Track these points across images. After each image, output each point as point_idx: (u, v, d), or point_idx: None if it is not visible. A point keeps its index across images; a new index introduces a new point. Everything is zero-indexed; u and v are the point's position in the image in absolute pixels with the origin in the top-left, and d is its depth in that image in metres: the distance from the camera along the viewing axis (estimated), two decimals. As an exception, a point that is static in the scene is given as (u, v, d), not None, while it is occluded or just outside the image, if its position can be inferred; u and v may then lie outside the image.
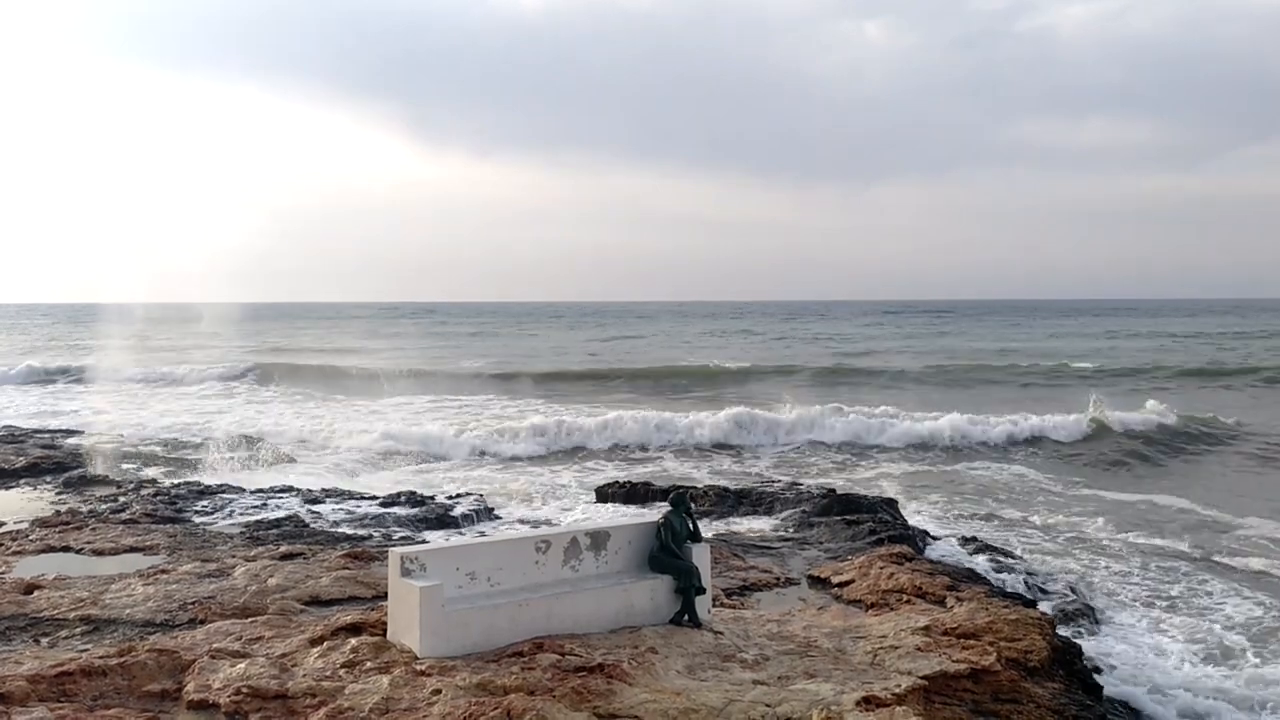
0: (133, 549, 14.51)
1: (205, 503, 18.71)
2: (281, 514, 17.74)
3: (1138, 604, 13.68)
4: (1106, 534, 18.14)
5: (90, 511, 17.61)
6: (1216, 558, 16.38)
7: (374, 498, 19.57)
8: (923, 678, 8.89)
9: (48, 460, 22.83)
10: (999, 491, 22.70)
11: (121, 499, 18.85)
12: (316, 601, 11.61)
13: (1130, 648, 11.81)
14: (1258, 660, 11.52)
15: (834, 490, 19.89)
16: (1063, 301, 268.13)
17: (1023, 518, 19.64)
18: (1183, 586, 14.59)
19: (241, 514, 17.83)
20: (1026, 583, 13.82)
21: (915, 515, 18.99)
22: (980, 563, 14.91)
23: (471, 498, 19.49)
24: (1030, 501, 21.47)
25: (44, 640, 10.23)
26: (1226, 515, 19.89)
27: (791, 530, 17.25)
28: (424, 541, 15.13)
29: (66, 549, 14.50)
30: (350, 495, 19.90)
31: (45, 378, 50.10)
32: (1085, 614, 12.90)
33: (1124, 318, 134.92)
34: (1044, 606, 12.60)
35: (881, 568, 13.10)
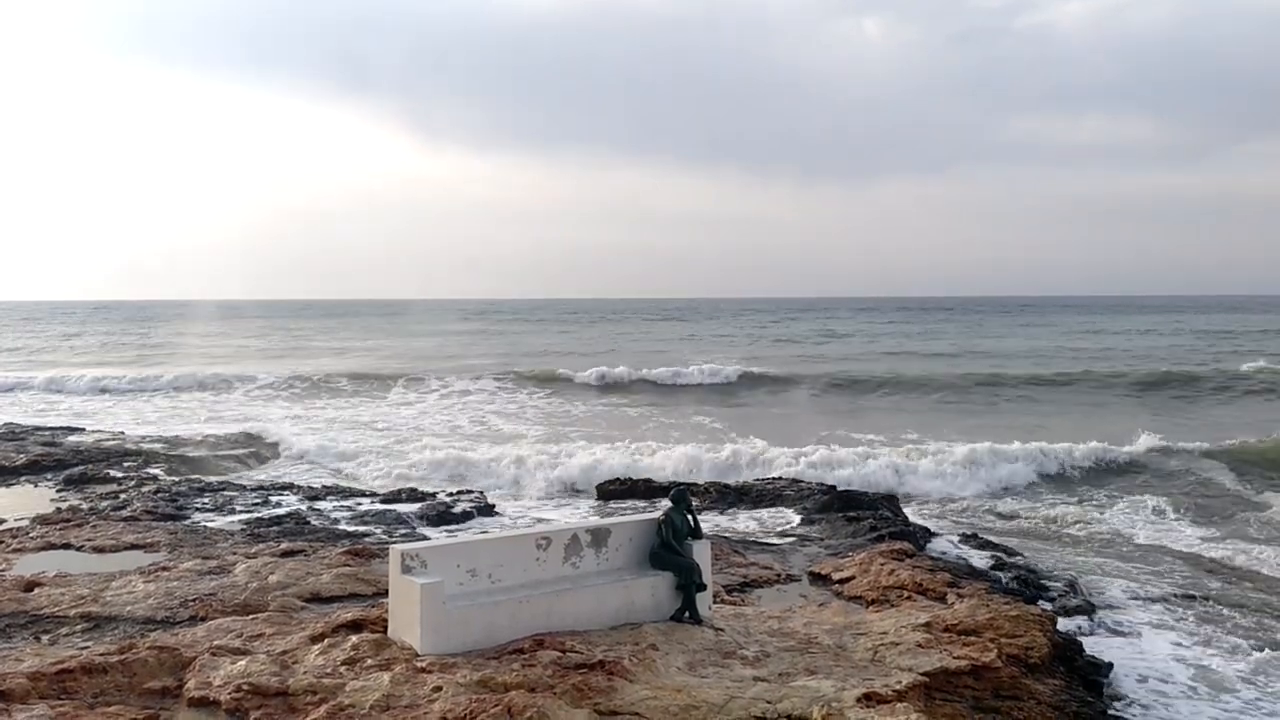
0: (133, 546, 14.51)
1: (206, 500, 18.73)
2: (282, 511, 17.76)
3: (1140, 600, 13.67)
4: (1110, 529, 18.13)
5: (91, 509, 17.63)
6: (1223, 554, 16.36)
7: (375, 495, 19.59)
8: (923, 674, 8.89)
9: (48, 457, 22.85)
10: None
11: (122, 496, 18.86)
12: (317, 598, 11.62)
13: (1132, 644, 11.81)
14: (1260, 657, 11.50)
15: (834, 487, 19.90)
16: (1072, 298, 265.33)
17: (1023, 512, 19.64)
18: (1187, 583, 14.57)
19: (242, 511, 17.85)
20: (1027, 579, 13.80)
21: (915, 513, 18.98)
22: (981, 559, 14.90)
23: (472, 495, 19.50)
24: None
25: (45, 638, 10.23)
26: (1238, 507, 19.89)
27: (792, 527, 17.26)
28: (425, 538, 15.14)
29: (67, 546, 14.51)
30: (351, 492, 19.93)
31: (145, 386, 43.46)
32: (1086, 610, 12.89)
33: (1178, 314, 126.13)
34: (1045, 603, 12.60)
35: (882, 564, 13.10)
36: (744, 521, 17.83)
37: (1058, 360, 55.57)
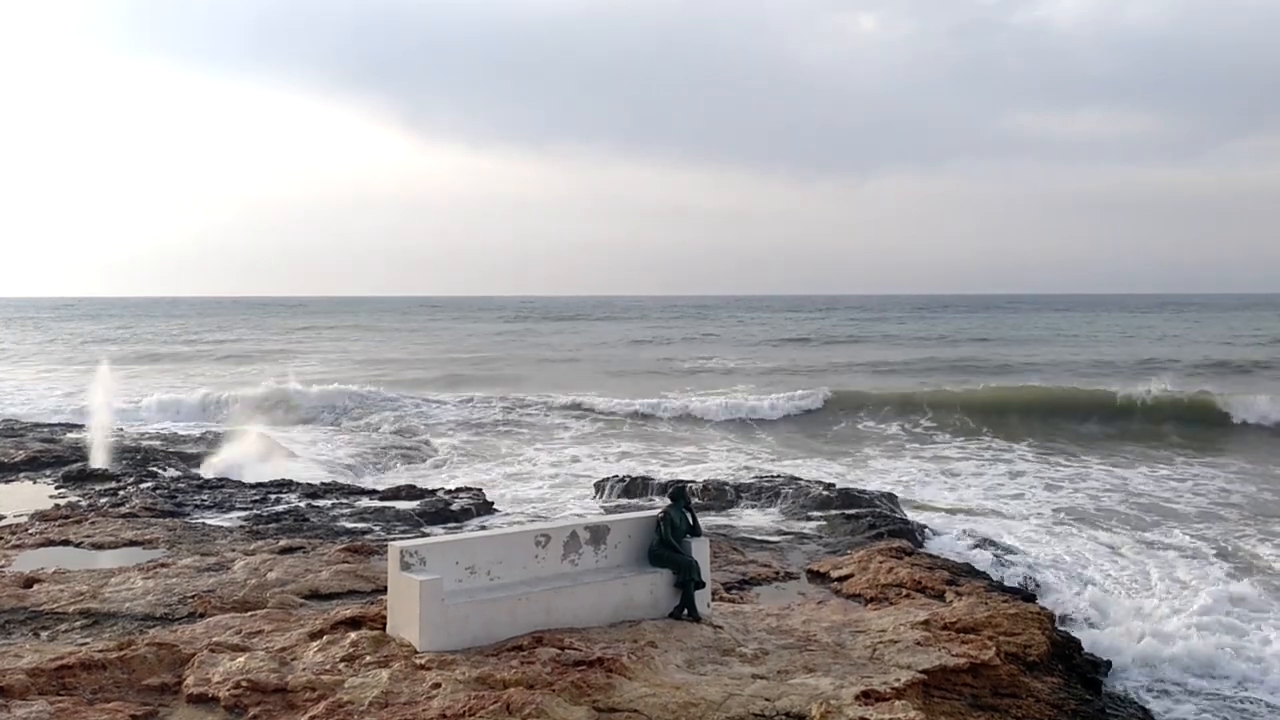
0: (132, 543, 14.53)
1: (205, 496, 18.74)
2: (281, 508, 17.76)
3: (1138, 598, 13.67)
4: (1109, 527, 18.13)
5: (90, 505, 17.63)
6: (1220, 553, 16.36)
7: (374, 492, 19.58)
8: (922, 672, 8.90)
9: (48, 454, 22.85)
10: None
11: (121, 493, 18.86)
12: (316, 595, 11.63)
13: (1130, 642, 11.80)
14: (1259, 657, 11.51)
15: (833, 485, 19.89)
16: (1073, 297, 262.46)
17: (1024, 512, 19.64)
18: (1185, 581, 14.57)
19: (241, 508, 17.85)
20: (1026, 577, 13.81)
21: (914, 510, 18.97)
22: (980, 557, 14.90)
23: (471, 492, 19.49)
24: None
25: (44, 634, 10.24)
26: (1235, 510, 19.89)
27: (791, 524, 17.26)
28: (424, 535, 15.14)
29: (66, 543, 14.51)
30: (350, 490, 19.92)
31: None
32: (1085, 608, 12.89)
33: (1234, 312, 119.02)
34: (1043, 601, 12.60)
35: (881, 562, 13.11)
36: (743, 519, 17.83)
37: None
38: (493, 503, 18.74)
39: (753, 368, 52.74)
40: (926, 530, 16.58)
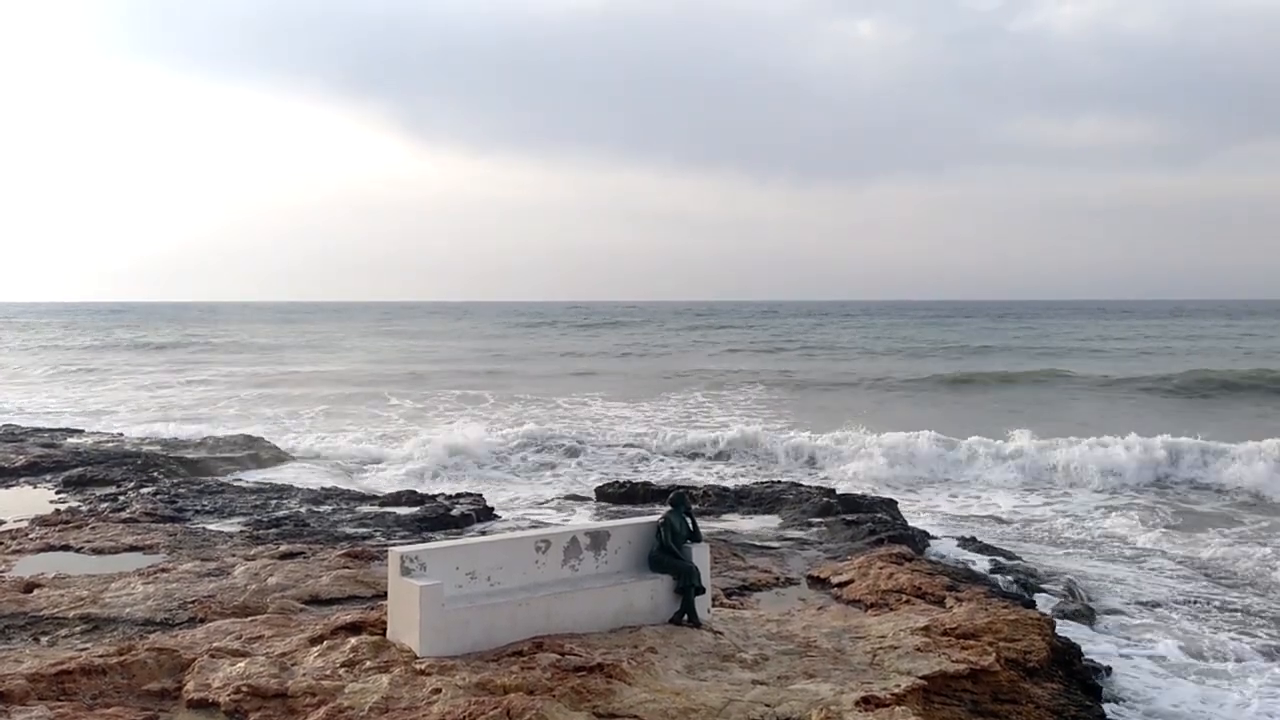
0: (133, 548, 14.53)
1: (205, 501, 18.73)
2: (282, 513, 17.76)
3: (1138, 605, 13.68)
4: (1108, 534, 18.14)
5: (90, 510, 17.63)
6: (1219, 560, 16.37)
7: (374, 497, 19.59)
8: (922, 678, 8.90)
9: (48, 459, 22.84)
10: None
11: (121, 498, 18.86)
12: (316, 600, 11.64)
13: (1130, 649, 11.81)
14: (1258, 664, 11.51)
15: (833, 490, 19.90)
16: (1080, 302, 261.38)
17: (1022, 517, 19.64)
18: (1184, 588, 14.58)
19: (242, 513, 17.85)
20: (1026, 583, 13.81)
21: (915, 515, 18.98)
22: (980, 563, 14.91)
23: (471, 498, 19.49)
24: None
25: (44, 639, 10.24)
26: (1231, 517, 19.89)
27: (791, 530, 17.25)
28: (424, 541, 15.14)
29: (66, 548, 14.52)
30: (350, 495, 19.92)
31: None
32: (1085, 615, 12.90)
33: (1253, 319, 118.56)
34: (1043, 607, 12.61)
35: (881, 568, 13.11)
36: (743, 524, 17.83)
37: None
38: (493, 508, 18.73)
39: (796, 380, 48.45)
40: (927, 536, 16.58)
